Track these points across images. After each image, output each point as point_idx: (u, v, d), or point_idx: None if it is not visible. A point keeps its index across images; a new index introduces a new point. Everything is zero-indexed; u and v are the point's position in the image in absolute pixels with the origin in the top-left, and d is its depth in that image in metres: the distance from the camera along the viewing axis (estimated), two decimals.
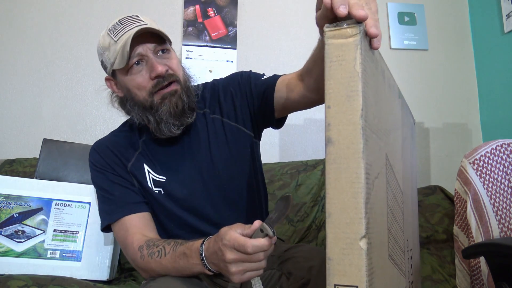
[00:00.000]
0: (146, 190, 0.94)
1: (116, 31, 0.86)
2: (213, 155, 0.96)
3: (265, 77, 0.99)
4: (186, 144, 0.96)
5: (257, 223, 0.70)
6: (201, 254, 0.74)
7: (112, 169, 0.94)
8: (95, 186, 0.97)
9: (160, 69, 0.85)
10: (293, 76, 0.92)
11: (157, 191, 0.93)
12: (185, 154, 0.96)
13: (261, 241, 0.68)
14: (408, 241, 0.78)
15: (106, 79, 0.95)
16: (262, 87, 0.96)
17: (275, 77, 0.96)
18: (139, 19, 0.89)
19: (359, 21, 0.49)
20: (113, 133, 1.04)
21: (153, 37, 0.87)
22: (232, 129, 0.98)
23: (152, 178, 0.93)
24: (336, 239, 0.45)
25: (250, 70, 1.04)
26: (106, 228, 0.95)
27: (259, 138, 1.07)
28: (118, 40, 0.85)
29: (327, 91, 0.48)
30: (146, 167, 0.94)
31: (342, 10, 0.50)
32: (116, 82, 0.94)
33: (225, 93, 1.00)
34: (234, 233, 0.69)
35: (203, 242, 0.76)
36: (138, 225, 0.90)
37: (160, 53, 0.89)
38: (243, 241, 0.68)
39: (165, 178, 0.93)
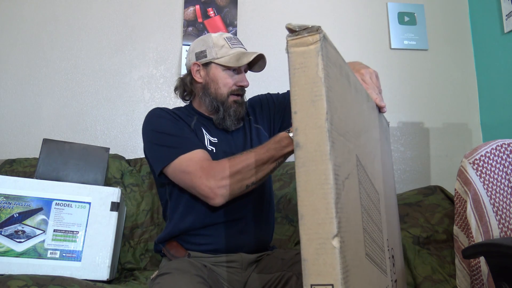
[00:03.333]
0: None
1: (232, 42, 1.19)
2: (253, 143, 1.22)
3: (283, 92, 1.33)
4: (234, 132, 1.23)
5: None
6: (290, 133, 0.91)
7: (180, 119, 1.15)
8: (157, 133, 1.11)
9: (246, 83, 1.20)
10: None
11: (210, 149, 1.14)
12: (231, 138, 1.22)
13: None
14: (388, 240, 0.78)
15: (195, 64, 1.20)
16: (281, 97, 1.32)
17: None
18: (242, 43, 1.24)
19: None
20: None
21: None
22: (259, 131, 1.27)
23: (208, 139, 1.17)
24: (309, 240, 0.46)
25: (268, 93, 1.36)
26: (161, 173, 1.08)
27: None
28: (233, 47, 1.18)
29: (293, 98, 0.49)
30: (203, 129, 1.17)
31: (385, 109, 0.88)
32: (201, 70, 1.20)
33: (257, 107, 1.33)
34: None
35: (286, 130, 0.93)
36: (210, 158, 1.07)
37: (244, 72, 1.23)
38: None
39: (217, 139, 1.17)
